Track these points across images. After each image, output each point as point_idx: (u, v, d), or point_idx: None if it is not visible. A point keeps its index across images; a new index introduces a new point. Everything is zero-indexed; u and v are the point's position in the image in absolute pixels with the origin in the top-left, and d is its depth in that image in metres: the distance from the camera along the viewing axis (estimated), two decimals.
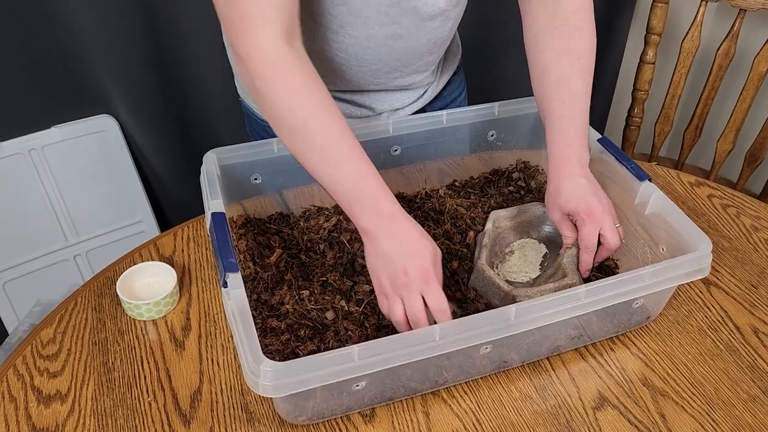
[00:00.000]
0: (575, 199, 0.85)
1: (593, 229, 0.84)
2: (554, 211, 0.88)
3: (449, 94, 1.14)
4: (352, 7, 0.85)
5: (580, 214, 0.84)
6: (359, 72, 0.94)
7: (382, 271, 0.75)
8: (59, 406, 0.77)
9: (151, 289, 0.89)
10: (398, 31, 0.90)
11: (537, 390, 0.80)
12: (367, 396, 0.74)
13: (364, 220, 0.76)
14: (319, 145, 0.75)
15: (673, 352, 0.85)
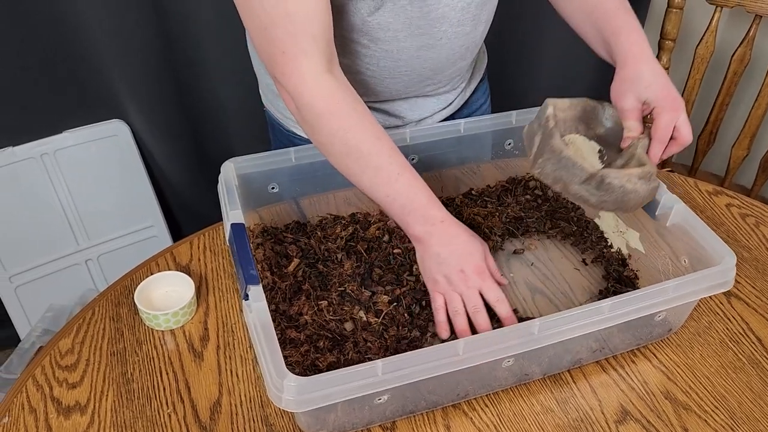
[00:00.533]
0: (657, 86, 0.81)
1: (672, 119, 0.80)
2: (628, 98, 0.82)
3: (475, 101, 1.14)
4: (383, 22, 0.84)
5: (660, 101, 0.80)
6: (391, 83, 0.94)
7: (438, 271, 0.81)
8: (79, 417, 0.76)
9: (169, 299, 0.89)
10: (429, 41, 0.90)
11: (558, 403, 0.79)
12: (388, 409, 0.74)
13: (417, 229, 0.81)
14: (373, 166, 0.80)
15: (694, 364, 0.84)
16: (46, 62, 1.41)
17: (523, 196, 1.07)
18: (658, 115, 0.81)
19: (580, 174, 0.79)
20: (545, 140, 0.82)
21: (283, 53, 0.77)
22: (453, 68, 0.97)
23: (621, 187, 0.78)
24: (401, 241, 0.95)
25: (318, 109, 0.78)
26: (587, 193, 0.79)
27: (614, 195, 0.79)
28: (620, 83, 0.83)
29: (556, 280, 0.94)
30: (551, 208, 1.05)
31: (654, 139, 0.82)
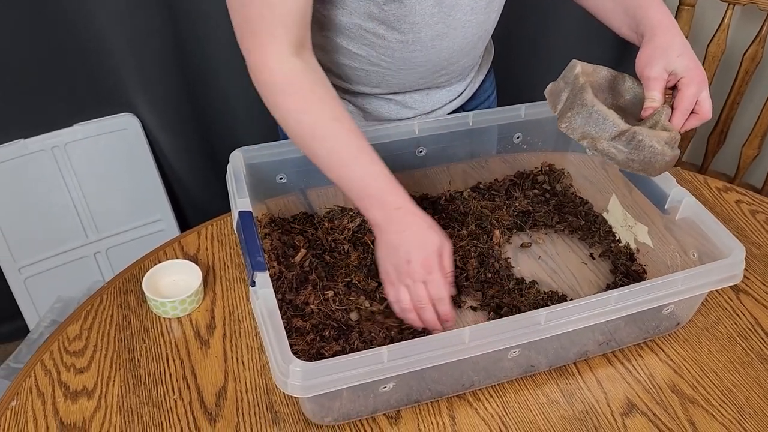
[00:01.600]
0: (687, 57, 0.81)
1: (696, 91, 0.80)
2: (656, 67, 0.81)
3: (483, 92, 1.15)
4: (399, 14, 0.85)
5: (689, 72, 0.80)
6: (407, 75, 0.94)
7: (388, 261, 0.79)
8: (86, 401, 0.77)
9: (177, 287, 0.89)
10: (444, 30, 0.90)
11: (564, 395, 0.79)
12: (393, 398, 0.74)
13: (373, 214, 0.80)
14: (328, 147, 0.80)
15: (702, 359, 0.84)
16: (57, 57, 1.42)
17: (531, 190, 1.07)
18: (685, 86, 0.80)
19: (611, 129, 0.77)
20: (575, 95, 0.81)
21: (252, 32, 0.79)
22: (466, 58, 0.98)
23: (651, 147, 0.77)
24: None
25: (275, 87, 0.80)
26: (615, 149, 0.78)
27: (643, 154, 0.77)
28: (651, 51, 0.82)
29: (563, 273, 0.94)
30: (559, 202, 1.04)
31: (677, 109, 0.81)
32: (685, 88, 0.80)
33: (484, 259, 0.92)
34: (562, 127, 0.81)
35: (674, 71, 0.80)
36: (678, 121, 0.80)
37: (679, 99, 0.81)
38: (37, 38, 1.39)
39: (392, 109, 1.01)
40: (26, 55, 1.40)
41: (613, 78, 0.87)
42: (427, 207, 1.01)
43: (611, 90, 0.87)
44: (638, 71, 0.83)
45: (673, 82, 0.81)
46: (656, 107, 0.81)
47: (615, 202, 0.98)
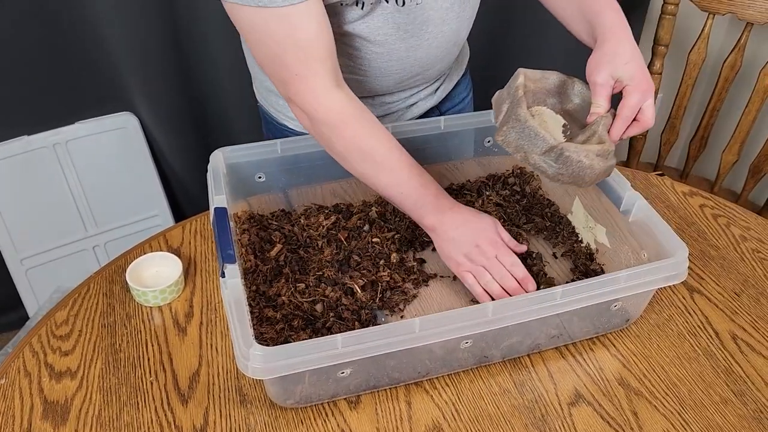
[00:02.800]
0: (634, 65, 0.82)
1: (640, 99, 0.82)
2: (603, 73, 0.83)
3: (458, 94, 1.19)
4: (372, 27, 0.90)
5: (634, 80, 0.82)
6: (384, 81, 1.00)
7: (458, 253, 0.89)
8: (69, 381, 0.83)
9: (159, 278, 0.95)
10: (417, 42, 0.95)
11: (516, 385, 0.84)
12: (352, 383, 0.79)
13: (431, 219, 0.90)
14: (388, 169, 0.89)
15: (651, 354, 0.88)
16: (60, 57, 1.48)
17: (502, 191, 1.11)
18: (628, 94, 0.82)
19: (541, 145, 0.81)
20: (512, 108, 0.85)
21: (296, 76, 0.84)
22: (441, 63, 1.03)
23: (578, 162, 0.81)
24: (380, 231, 1.01)
25: (332, 121, 0.87)
26: (545, 164, 0.82)
27: (571, 168, 0.81)
28: (599, 57, 0.84)
29: None
30: (528, 203, 1.09)
31: (618, 117, 0.83)
32: (628, 96, 0.82)
33: None
34: (498, 140, 0.85)
35: (620, 78, 0.83)
36: (617, 129, 0.83)
37: (621, 107, 0.83)
38: (41, 40, 1.45)
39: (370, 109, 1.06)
40: (30, 55, 1.46)
41: (563, 82, 0.90)
42: None
43: (560, 94, 0.91)
44: (587, 75, 0.86)
45: (619, 88, 0.84)
46: (600, 113, 0.83)
47: (578, 204, 1.03)
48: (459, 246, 0.89)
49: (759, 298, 0.96)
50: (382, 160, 0.89)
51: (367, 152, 0.88)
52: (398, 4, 0.88)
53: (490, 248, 0.88)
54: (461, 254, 0.88)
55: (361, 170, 0.90)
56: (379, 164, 0.89)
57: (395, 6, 0.88)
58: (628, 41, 0.85)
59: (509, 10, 1.68)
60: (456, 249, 0.89)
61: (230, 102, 1.66)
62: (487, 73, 1.43)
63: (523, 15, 1.69)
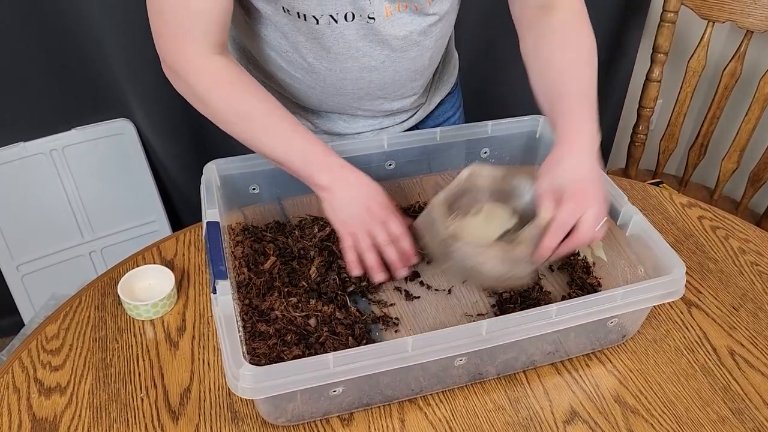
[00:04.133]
0: (574, 175, 0.79)
1: (575, 210, 0.78)
2: (544, 180, 0.81)
3: (442, 113, 1.17)
4: (324, 43, 0.89)
5: (569, 190, 0.78)
6: (342, 100, 0.98)
7: (348, 214, 0.86)
8: (58, 398, 0.82)
9: (151, 291, 0.94)
10: (371, 63, 0.93)
11: (511, 402, 0.83)
12: (345, 401, 0.78)
13: (321, 178, 0.86)
14: (267, 127, 0.86)
15: (648, 370, 0.87)
16: (56, 63, 1.48)
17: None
18: (562, 204, 0.78)
19: (437, 236, 0.81)
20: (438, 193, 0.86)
21: (172, 36, 0.83)
22: (404, 89, 1.00)
23: (462, 260, 0.79)
24: None
25: (206, 83, 0.85)
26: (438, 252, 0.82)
27: (457, 266, 0.80)
28: (544, 164, 0.82)
29: None
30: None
31: (551, 227, 0.78)
32: (562, 205, 0.78)
33: None
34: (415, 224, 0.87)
35: (560, 186, 0.79)
36: (547, 242, 0.78)
37: (555, 215, 0.78)
38: (37, 46, 1.44)
39: (341, 127, 1.05)
40: (26, 61, 1.45)
41: (518, 182, 0.87)
42: None
43: (513, 193, 0.87)
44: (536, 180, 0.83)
45: (560, 196, 0.79)
46: (546, 218, 0.80)
47: None
48: (350, 205, 0.85)
49: (758, 313, 0.95)
50: (261, 121, 0.86)
51: (243, 111, 0.85)
52: (347, 20, 0.87)
53: (381, 211, 0.86)
54: (348, 214, 0.85)
55: (241, 132, 0.87)
56: (258, 123, 0.86)
57: (344, 23, 0.87)
58: (576, 150, 0.81)
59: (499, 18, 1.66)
60: (346, 208, 0.85)
61: None
62: (481, 85, 1.42)
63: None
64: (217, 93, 0.85)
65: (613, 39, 1.81)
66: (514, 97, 1.77)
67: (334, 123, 1.05)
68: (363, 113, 1.03)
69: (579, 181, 0.79)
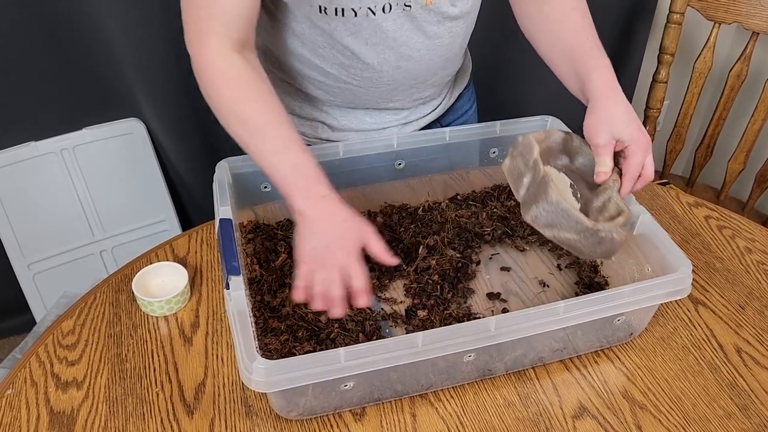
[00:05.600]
0: (632, 126, 0.85)
1: (642, 158, 0.86)
2: (603, 134, 0.86)
3: (461, 107, 1.20)
4: (362, 36, 0.91)
5: (635, 141, 0.85)
6: (375, 92, 1.00)
7: (309, 243, 0.81)
8: (75, 392, 0.83)
9: (165, 288, 0.95)
10: (408, 52, 0.95)
11: (520, 398, 0.84)
12: (356, 396, 0.79)
13: (298, 201, 0.82)
14: (261, 136, 0.85)
15: (655, 367, 0.88)
16: (67, 63, 1.49)
17: (507, 201, 1.12)
18: (632, 154, 0.86)
19: (577, 227, 0.81)
20: (538, 187, 0.84)
21: (196, 27, 0.86)
22: (435, 77, 1.03)
23: (611, 240, 0.82)
24: (388, 243, 1.01)
25: (213, 76, 0.86)
26: (580, 244, 0.83)
27: (606, 246, 0.83)
28: (596, 120, 0.87)
29: (531, 283, 0.99)
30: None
31: (626, 176, 0.87)
32: (632, 156, 0.86)
33: (451, 273, 0.97)
34: (528, 219, 0.85)
35: (621, 139, 0.86)
36: (627, 188, 0.87)
37: (626, 168, 0.86)
38: (48, 46, 1.46)
39: (367, 123, 1.06)
40: (37, 61, 1.47)
41: (564, 140, 0.91)
42: (405, 216, 1.07)
43: (565, 152, 0.92)
44: (587, 137, 0.88)
45: (620, 148, 0.87)
46: (607, 171, 0.86)
47: None
48: (314, 238, 0.81)
49: (764, 311, 0.96)
50: (256, 126, 0.85)
51: (242, 115, 0.85)
52: (384, 11, 0.88)
53: (339, 255, 0.79)
54: (310, 246, 0.80)
55: (234, 133, 0.87)
56: (254, 129, 0.85)
57: (382, 15, 0.89)
58: (622, 103, 0.87)
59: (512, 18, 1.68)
60: (310, 238, 0.81)
61: None
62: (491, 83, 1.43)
63: None
64: (221, 91, 0.86)
65: (620, 40, 1.82)
66: (522, 95, 1.79)
67: (359, 120, 1.06)
68: (392, 106, 1.05)
69: (637, 132, 0.86)
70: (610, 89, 0.88)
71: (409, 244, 1.01)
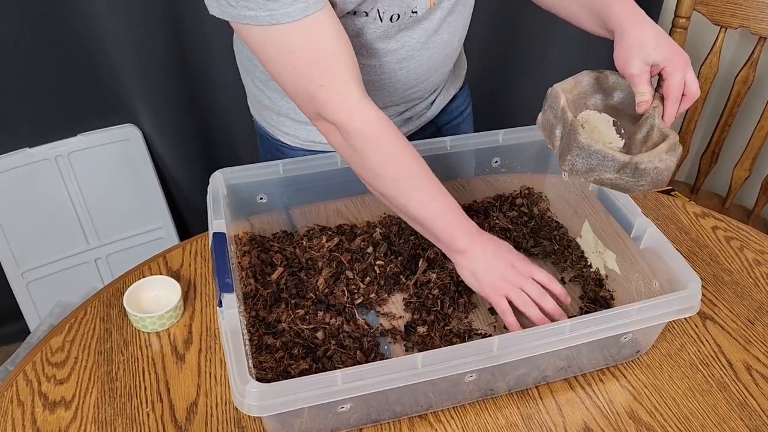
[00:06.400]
0: (664, 46, 0.81)
1: (681, 77, 0.81)
2: (635, 63, 0.81)
3: (456, 108, 1.17)
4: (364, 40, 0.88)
5: (671, 61, 0.80)
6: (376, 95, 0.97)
7: (493, 275, 0.85)
8: (63, 412, 0.81)
9: (158, 302, 0.93)
10: (410, 53, 0.93)
11: (523, 418, 0.81)
12: (353, 417, 0.77)
13: (461, 242, 0.85)
14: (421, 187, 0.84)
15: (662, 385, 0.85)
16: (62, 68, 1.47)
17: (510, 212, 1.09)
18: (670, 75, 0.81)
19: (613, 165, 0.79)
20: (569, 135, 0.82)
21: (321, 87, 0.79)
22: (435, 75, 1.01)
23: (655, 169, 0.79)
24: (384, 254, 0.98)
25: (370, 132, 0.81)
26: (622, 181, 0.80)
27: (649, 177, 0.79)
28: (625, 50, 0.82)
29: None
30: (536, 225, 1.06)
31: (668, 99, 0.82)
32: (670, 77, 0.81)
33: (452, 287, 0.94)
34: (566, 169, 0.82)
35: (655, 63, 0.81)
36: (671, 111, 0.82)
37: (667, 89, 0.81)
38: (43, 51, 1.43)
39: None
40: (32, 67, 1.45)
41: (596, 79, 0.88)
42: (405, 228, 1.04)
43: (597, 92, 0.89)
44: (619, 69, 0.84)
45: (657, 71, 0.82)
46: (648, 100, 0.82)
47: (587, 227, 1.00)
48: (495, 268, 0.85)
49: None
50: (416, 177, 0.84)
51: (402, 169, 0.83)
52: (392, 21, 0.86)
53: (524, 267, 0.85)
54: (498, 276, 0.84)
55: (392, 187, 0.84)
56: (415, 182, 0.84)
57: (389, 22, 0.86)
58: (648, 25, 0.82)
59: (510, 22, 1.66)
60: (492, 271, 0.85)
61: (233, 114, 1.64)
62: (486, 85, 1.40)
63: (523, 25, 1.67)
64: (379, 144, 0.82)
65: None
66: (519, 96, 1.76)
67: None
68: (390, 103, 1.02)
69: (670, 52, 0.81)
70: (634, 14, 0.83)
71: (408, 256, 0.98)
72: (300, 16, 0.74)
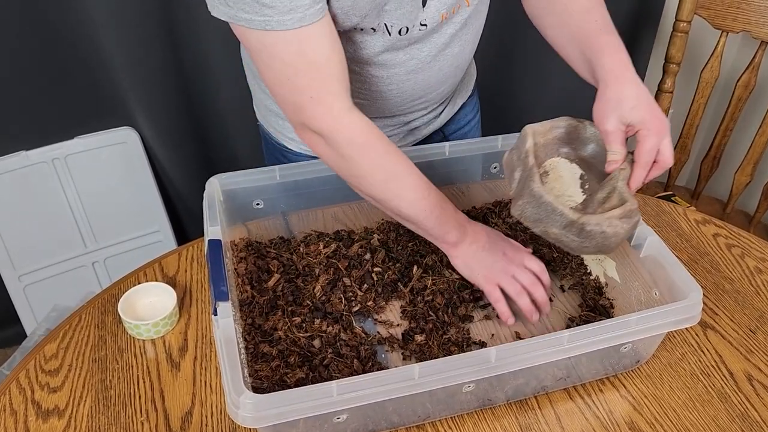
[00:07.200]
0: (642, 108, 0.79)
1: (655, 143, 0.79)
2: (610, 120, 0.80)
3: (464, 117, 1.16)
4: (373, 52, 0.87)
5: (645, 124, 0.78)
6: (383, 104, 0.97)
7: (486, 265, 0.87)
8: (56, 421, 0.80)
9: (153, 309, 0.92)
10: (418, 65, 0.92)
11: (522, 429, 0.80)
12: (350, 428, 0.76)
13: (454, 235, 0.87)
14: (410, 186, 0.85)
15: (663, 396, 0.84)
16: (59, 71, 1.46)
17: (509, 218, 1.08)
18: (643, 139, 0.79)
19: (561, 220, 0.78)
20: (525, 180, 0.81)
21: (311, 98, 0.79)
22: (444, 86, 1.00)
23: (601, 233, 0.78)
24: (382, 261, 0.97)
25: (358, 141, 0.82)
26: (567, 238, 0.79)
27: (594, 240, 0.79)
28: (603, 104, 0.81)
29: None
30: (535, 233, 1.05)
31: (638, 164, 0.80)
32: (643, 141, 0.79)
33: (450, 294, 0.93)
34: (515, 214, 0.82)
35: (630, 123, 0.80)
36: (638, 176, 0.80)
37: (638, 153, 0.80)
38: (40, 54, 1.43)
39: None
40: (29, 69, 1.44)
41: (575, 128, 0.87)
42: (402, 234, 1.03)
43: (573, 141, 0.87)
44: (596, 123, 0.83)
45: (632, 132, 0.81)
46: (618, 160, 0.81)
47: None
48: (487, 258, 0.87)
49: None
50: (405, 177, 0.85)
51: (391, 170, 0.84)
52: (401, 34, 0.86)
53: (517, 255, 0.87)
54: (490, 266, 0.86)
55: (385, 191, 0.85)
56: (404, 182, 0.85)
57: (398, 35, 0.86)
58: (630, 83, 0.81)
59: (519, 30, 1.64)
60: (483, 260, 0.87)
61: (232, 117, 1.63)
62: (496, 93, 1.40)
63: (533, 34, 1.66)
64: (368, 151, 0.82)
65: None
66: (526, 104, 1.75)
67: None
68: (398, 113, 1.01)
69: (648, 114, 0.79)
70: (619, 69, 0.81)
71: (406, 263, 0.97)
72: (295, 26, 0.73)
